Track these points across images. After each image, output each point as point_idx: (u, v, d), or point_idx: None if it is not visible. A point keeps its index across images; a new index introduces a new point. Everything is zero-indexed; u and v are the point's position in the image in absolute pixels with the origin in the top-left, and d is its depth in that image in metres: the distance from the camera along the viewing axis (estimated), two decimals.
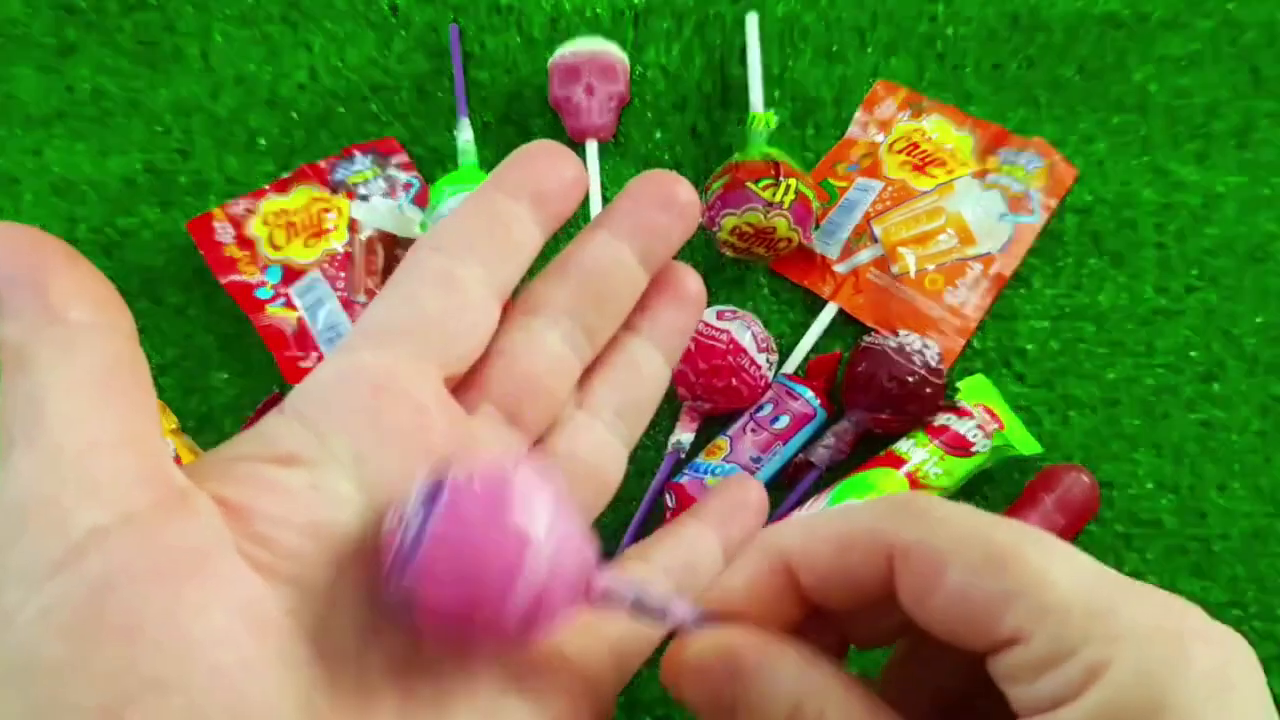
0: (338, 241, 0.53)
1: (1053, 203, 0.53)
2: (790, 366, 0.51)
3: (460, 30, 0.57)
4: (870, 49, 0.58)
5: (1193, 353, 0.51)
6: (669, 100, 0.57)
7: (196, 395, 0.51)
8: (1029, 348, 0.52)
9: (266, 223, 0.53)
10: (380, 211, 0.52)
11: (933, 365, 0.47)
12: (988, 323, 0.52)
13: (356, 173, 0.55)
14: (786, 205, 0.49)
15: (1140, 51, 0.57)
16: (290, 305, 0.51)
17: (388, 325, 0.20)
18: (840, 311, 0.52)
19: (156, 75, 0.57)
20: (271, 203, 0.53)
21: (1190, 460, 0.50)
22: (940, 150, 0.54)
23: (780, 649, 0.18)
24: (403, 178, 0.55)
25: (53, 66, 0.57)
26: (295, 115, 0.56)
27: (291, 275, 0.52)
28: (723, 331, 0.48)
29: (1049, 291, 0.53)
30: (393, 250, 0.53)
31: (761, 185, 0.49)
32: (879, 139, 0.56)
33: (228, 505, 0.17)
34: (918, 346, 0.47)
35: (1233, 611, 0.47)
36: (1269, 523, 0.48)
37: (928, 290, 0.52)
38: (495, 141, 0.56)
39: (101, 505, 0.15)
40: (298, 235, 0.53)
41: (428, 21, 0.58)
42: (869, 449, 0.48)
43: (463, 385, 0.22)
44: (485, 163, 0.54)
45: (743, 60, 0.55)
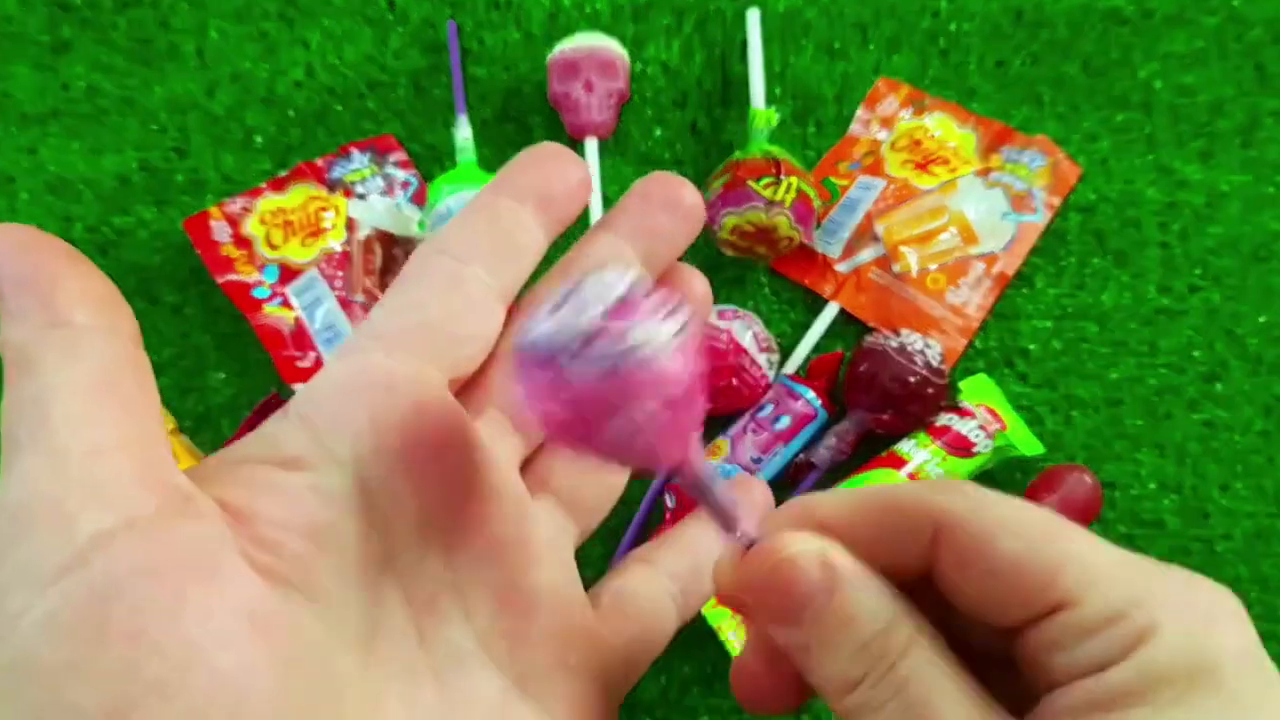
0: (335, 240, 0.52)
1: (1056, 201, 0.53)
2: (791, 366, 0.50)
3: (458, 26, 0.57)
4: (872, 45, 0.57)
5: (1196, 352, 0.51)
6: (669, 97, 0.56)
7: (193, 395, 0.50)
8: (1031, 347, 0.51)
9: (263, 221, 0.52)
10: (378, 210, 0.52)
11: (934, 365, 0.47)
12: (990, 322, 0.52)
13: (354, 171, 0.54)
14: (788, 204, 0.48)
15: (1144, 48, 0.56)
16: (287, 304, 0.51)
17: (392, 328, 0.20)
18: (842, 311, 0.52)
19: (152, 73, 0.56)
20: (268, 201, 0.53)
21: (1193, 460, 0.49)
22: (943, 148, 0.54)
23: (871, 571, 0.17)
24: (400, 175, 0.54)
25: (47, 64, 0.56)
26: (292, 113, 0.56)
27: (289, 274, 0.51)
28: (723, 331, 0.48)
29: (1052, 291, 0.52)
30: (390, 249, 0.52)
31: (762, 184, 0.48)
32: (881, 137, 0.55)
33: (230, 508, 0.17)
34: (919, 346, 0.47)
35: None
36: (1271, 523, 0.48)
37: (930, 289, 0.51)
38: (494, 139, 0.55)
39: (106, 508, 0.15)
40: (295, 234, 0.52)
41: (425, 17, 0.58)
42: (870, 449, 0.48)
43: (468, 387, 0.22)
44: (484, 160, 0.53)
45: (744, 56, 0.55)
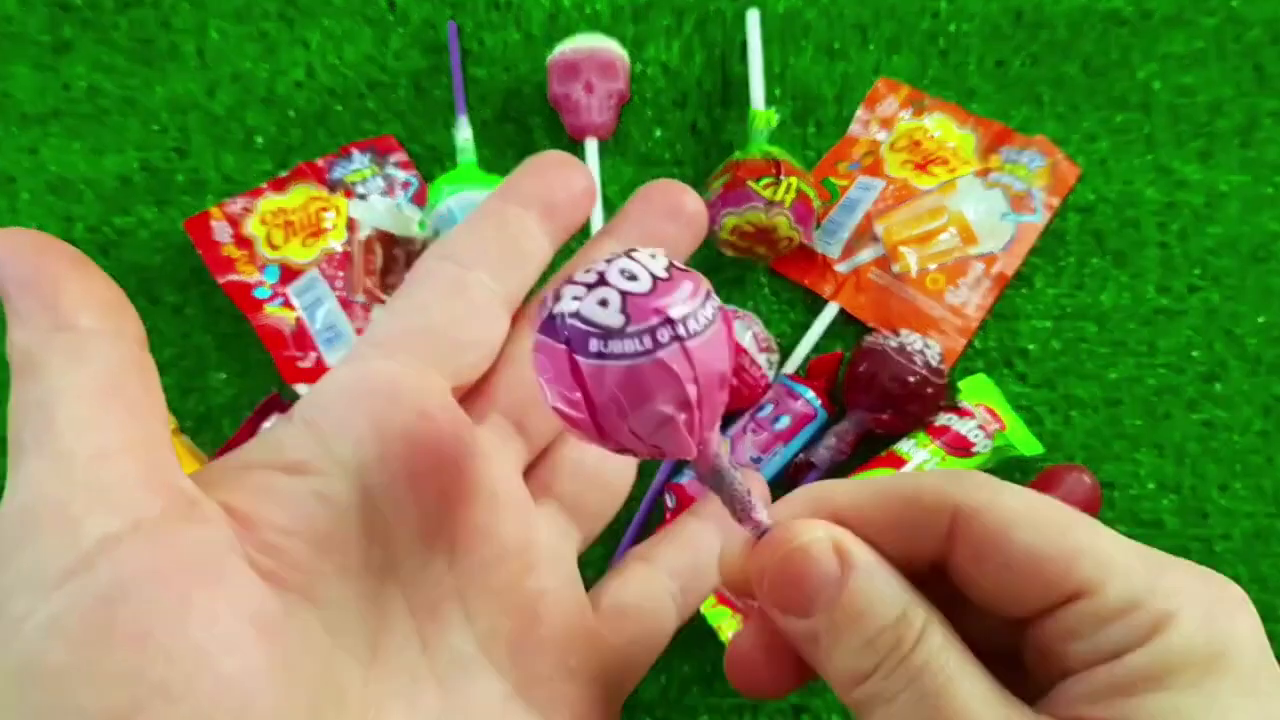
0: (336, 241, 0.52)
1: (1055, 201, 0.53)
2: (791, 366, 0.50)
3: (458, 27, 0.57)
4: (872, 46, 0.57)
5: (1195, 352, 0.51)
6: (669, 98, 0.56)
7: (194, 395, 0.50)
8: (1031, 347, 0.51)
9: (264, 222, 0.53)
10: (378, 210, 0.52)
11: (934, 365, 0.47)
12: (989, 322, 0.52)
13: (354, 171, 0.54)
14: (787, 204, 0.48)
15: (1144, 49, 0.56)
16: (288, 305, 0.51)
17: (396, 334, 0.20)
18: (841, 311, 0.52)
19: (152, 73, 0.56)
20: (269, 201, 0.53)
21: (1192, 460, 0.49)
22: (942, 149, 0.54)
23: (884, 561, 0.17)
24: (401, 176, 0.55)
25: (48, 64, 0.56)
26: (292, 113, 0.56)
27: (289, 274, 0.52)
28: None
29: (1051, 291, 0.52)
30: (391, 249, 0.52)
31: (762, 184, 0.48)
32: (881, 137, 0.56)
33: (235, 513, 0.17)
34: (919, 346, 0.47)
35: None
36: (1270, 523, 0.48)
37: (929, 290, 0.51)
38: (494, 139, 0.55)
39: (111, 513, 0.15)
40: (295, 234, 0.52)
41: (425, 18, 0.58)
42: (870, 449, 0.48)
43: (472, 393, 0.22)
44: (484, 161, 0.53)
45: (744, 57, 0.55)
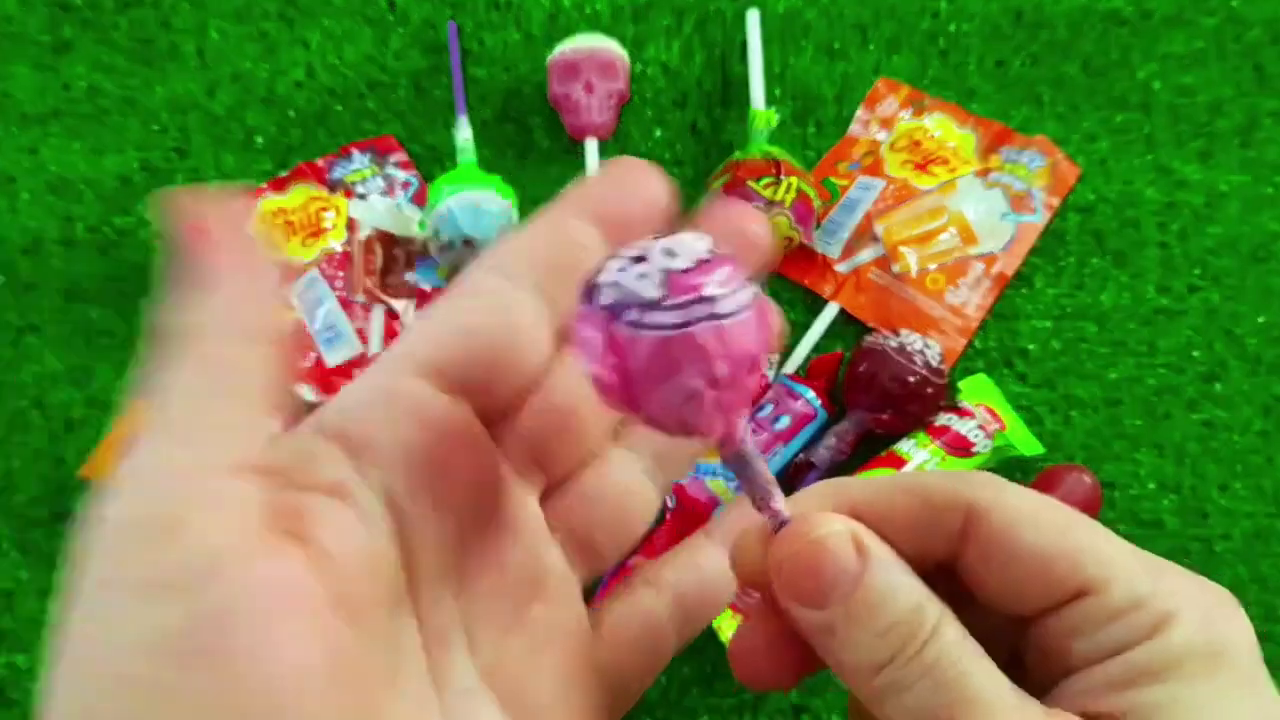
0: (336, 240, 0.52)
1: (1055, 201, 0.53)
2: (791, 366, 0.50)
3: (458, 27, 0.57)
4: (872, 46, 0.57)
5: (1195, 352, 0.51)
6: (669, 98, 0.56)
7: None
8: (1031, 347, 0.51)
9: (264, 221, 0.53)
10: (378, 210, 0.52)
11: (934, 365, 0.47)
12: (989, 322, 0.52)
13: (354, 171, 0.54)
14: (788, 204, 0.48)
15: (1144, 49, 0.56)
16: (288, 305, 0.51)
17: (429, 349, 0.19)
18: (841, 311, 0.52)
19: (152, 73, 0.56)
20: (269, 201, 0.53)
21: (1192, 460, 0.49)
22: (942, 149, 0.54)
23: (897, 554, 0.18)
24: (401, 176, 0.55)
25: (48, 64, 0.56)
26: (292, 113, 0.56)
27: (289, 275, 0.52)
28: None
29: (1051, 291, 0.52)
30: (391, 249, 0.52)
31: (762, 184, 0.48)
32: (881, 137, 0.56)
33: (308, 544, 0.17)
34: (919, 346, 0.47)
35: None
36: (1270, 523, 0.48)
37: (929, 290, 0.51)
38: (494, 139, 0.55)
39: (219, 532, 0.15)
40: (295, 234, 0.52)
41: (425, 18, 0.58)
42: (870, 449, 0.48)
43: (497, 414, 0.21)
44: (484, 161, 0.53)
45: (744, 57, 0.55)
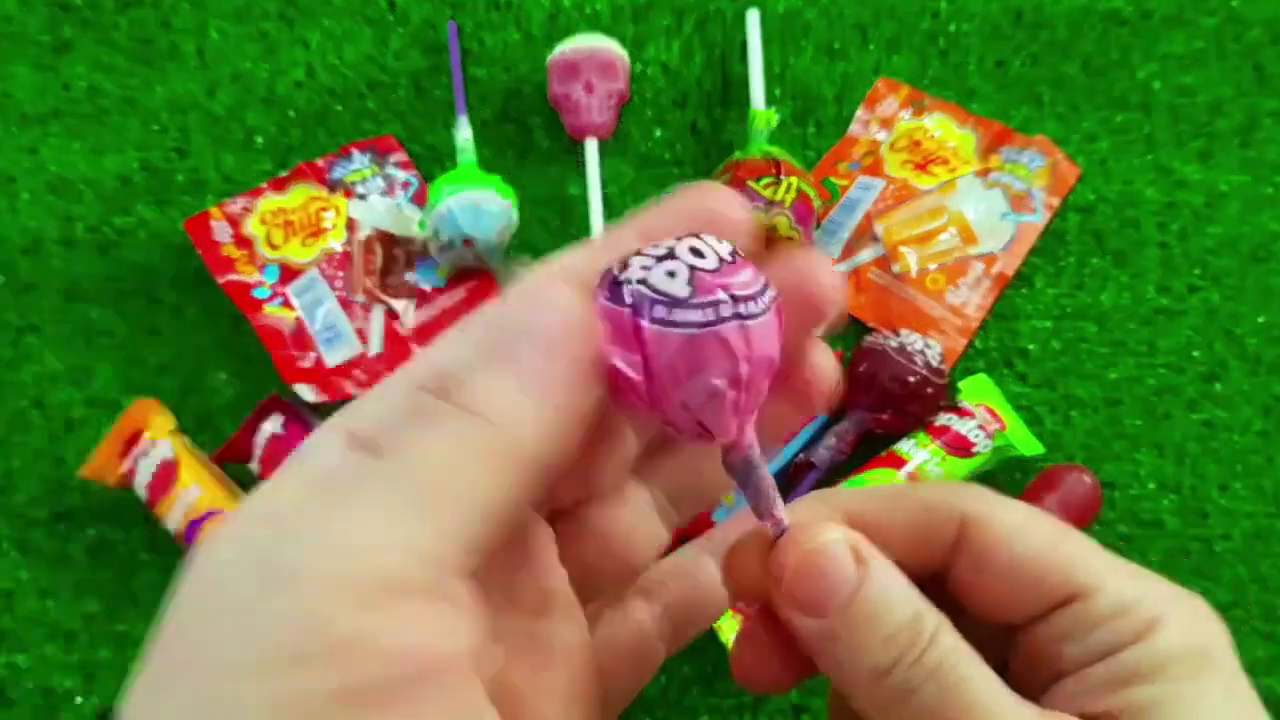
0: (336, 240, 0.52)
1: (1055, 201, 0.53)
2: None
3: (458, 27, 0.57)
4: (872, 46, 0.57)
5: (1195, 352, 0.51)
6: (669, 97, 0.56)
7: (194, 395, 0.50)
8: (1031, 347, 0.51)
9: (264, 221, 0.53)
10: (378, 210, 0.52)
11: (934, 365, 0.47)
12: (989, 322, 0.52)
13: (354, 171, 0.54)
14: (788, 204, 0.48)
15: (1144, 49, 0.56)
16: (288, 305, 0.51)
17: (475, 371, 0.18)
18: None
19: (152, 73, 0.56)
20: (269, 201, 0.53)
21: (1192, 460, 0.49)
22: (942, 149, 0.54)
23: (892, 563, 0.18)
24: (401, 176, 0.54)
25: (48, 64, 0.56)
26: (292, 113, 0.56)
27: (289, 274, 0.52)
28: None
29: (1051, 291, 0.52)
30: (391, 249, 0.52)
31: (763, 184, 0.48)
32: (881, 137, 0.56)
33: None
34: (919, 346, 0.47)
35: (1235, 612, 0.47)
36: (1270, 523, 0.48)
37: (929, 290, 0.51)
38: (494, 139, 0.55)
39: (371, 610, 0.14)
40: (295, 234, 0.52)
41: (425, 18, 0.58)
42: (870, 449, 0.48)
43: None
44: (484, 161, 0.53)
45: (744, 57, 0.55)
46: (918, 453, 0.47)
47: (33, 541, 0.48)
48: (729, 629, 0.43)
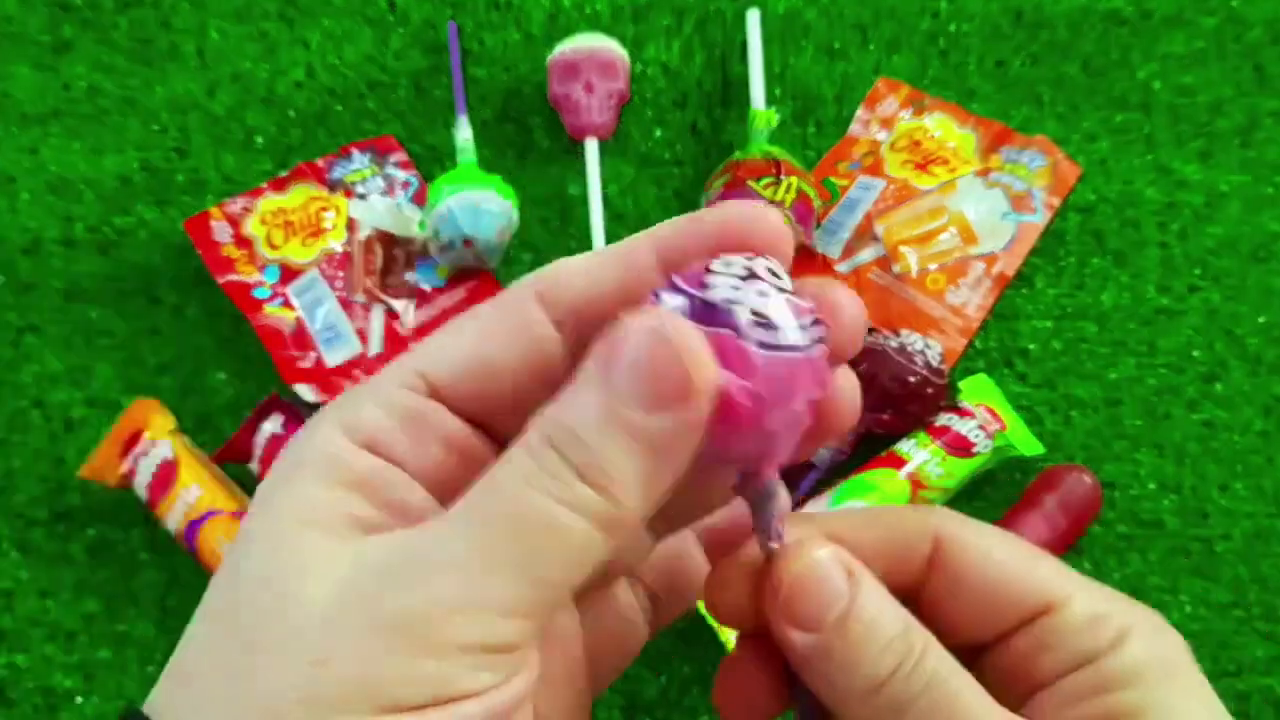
0: (336, 240, 0.52)
1: (1055, 201, 0.53)
2: None
3: (458, 27, 0.57)
4: (872, 46, 0.57)
5: (1195, 353, 0.51)
6: (669, 98, 0.56)
7: (194, 395, 0.50)
8: (1031, 347, 0.51)
9: (264, 222, 0.53)
10: (378, 210, 0.52)
11: (934, 365, 0.47)
12: (990, 322, 0.52)
13: (354, 171, 0.54)
14: (788, 204, 0.48)
15: (1144, 49, 0.56)
16: (288, 305, 0.51)
17: (446, 369, 0.18)
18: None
19: (152, 73, 0.56)
20: (269, 201, 0.53)
21: (1192, 460, 0.49)
22: (943, 148, 0.54)
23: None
24: (401, 176, 0.54)
25: (48, 64, 0.56)
26: (292, 113, 0.56)
27: (289, 274, 0.52)
28: None
29: (1051, 291, 0.52)
30: (391, 249, 0.52)
31: (763, 184, 0.48)
32: (881, 137, 0.56)
33: None
34: (919, 346, 0.47)
35: (1235, 612, 0.47)
36: (1271, 523, 0.48)
37: (929, 290, 0.51)
38: (494, 139, 0.55)
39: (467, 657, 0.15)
40: (295, 234, 0.52)
41: (426, 18, 0.58)
42: (870, 449, 0.48)
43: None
44: (484, 161, 0.53)
45: (744, 57, 0.55)
46: (918, 453, 0.47)
47: (33, 541, 0.48)
48: (729, 629, 0.43)
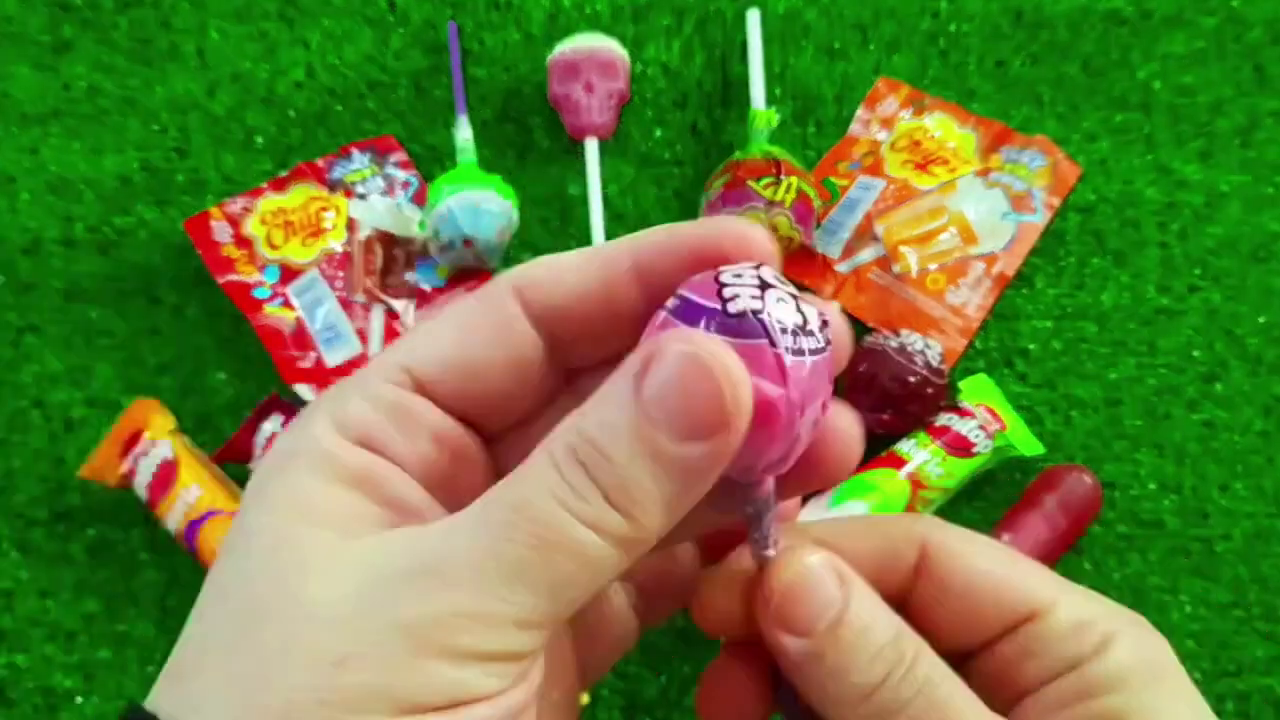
0: (336, 241, 0.52)
1: (1055, 201, 0.53)
2: None
3: (458, 27, 0.57)
4: (872, 46, 0.57)
5: (1195, 352, 0.51)
6: (669, 98, 0.56)
7: (194, 395, 0.50)
8: (1031, 347, 0.51)
9: (264, 222, 0.53)
10: (378, 210, 0.52)
11: (934, 365, 0.47)
12: (990, 322, 0.52)
13: (354, 171, 0.54)
14: (788, 204, 0.48)
15: (1144, 49, 0.56)
16: (288, 305, 0.51)
17: (431, 365, 0.18)
18: (842, 311, 0.51)
19: (152, 73, 0.56)
20: (269, 201, 0.53)
21: (1192, 460, 0.49)
22: (943, 148, 0.54)
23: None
24: (401, 176, 0.54)
25: (48, 64, 0.56)
26: (292, 113, 0.56)
27: (289, 274, 0.52)
28: None
29: (1051, 291, 0.52)
30: (391, 249, 0.52)
31: (763, 184, 0.48)
32: (881, 137, 0.56)
33: None
34: (919, 346, 0.47)
35: (1235, 612, 0.47)
36: (1271, 523, 0.48)
37: (929, 290, 0.51)
38: (494, 139, 0.55)
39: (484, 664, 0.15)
40: (295, 234, 0.52)
41: (426, 18, 0.58)
42: (870, 450, 0.48)
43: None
44: (484, 161, 0.53)
45: (744, 57, 0.55)
46: (918, 453, 0.47)
47: (33, 541, 0.48)
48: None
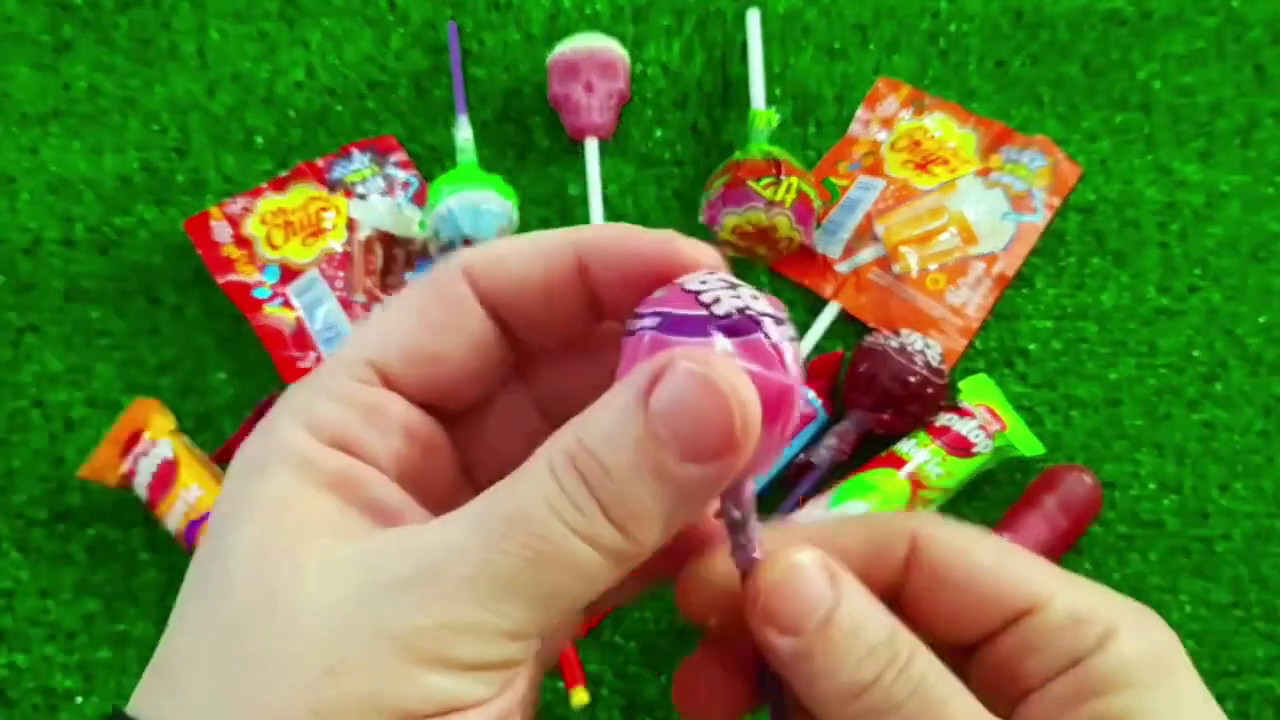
0: (336, 241, 0.52)
1: (1056, 201, 0.53)
2: None
3: (459, 27, 0.57)
4: (872, 46, 0.57)
5: (1195, 353, 0.51)
6: (669, 98, 0.56)
7: (194, 395, 0.50)
8: (1031, 347, 0.51)
9: (264, 222, 0.53)
10: (378, 210, 0.52)
11: (934, 365, 0.47)
12: (990, 322, 0.52)
13: (354, 171, 0.54)
14: (788, 204, 0.48)
15: (1144, 49, 0.56)
16: (288, 305, 0.51)
17: (394, 357, 0.18)
18: (842, 311, 0.52)
19: (153, 73, 0.56)
20: (269, 201, 0.53)
21: (1192, 460, 0.49)
22: (943, 148, 0.54)
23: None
24: (401, 176, 0.54)
25: (48, 64, 0.56)
26: (292, 113, 0.56)
27: (289, 274, 0.52)
28: None
29: (1051, 291, 0.52)
30: (391, 249, 0.52)
31: (763, 184, 0.48)
32: (881, 137, 0.56)
33: None
34: (919, 346, 0.47)
35: (1235, 613, 0.47)
36: (1271, 523, 0.48)
37: (930, 290, 0.51)
38: (494, 139, 0.55)
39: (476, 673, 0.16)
40: (295, 234, 0.52)
41: (426, 18, 0.58)
42: (870, 450, 0.48)
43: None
44: (484, 161, 0.53)
45: (744, 57, 0.55)
46: (918, 453, 0.46)
47: (33, 541, 0.48)
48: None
